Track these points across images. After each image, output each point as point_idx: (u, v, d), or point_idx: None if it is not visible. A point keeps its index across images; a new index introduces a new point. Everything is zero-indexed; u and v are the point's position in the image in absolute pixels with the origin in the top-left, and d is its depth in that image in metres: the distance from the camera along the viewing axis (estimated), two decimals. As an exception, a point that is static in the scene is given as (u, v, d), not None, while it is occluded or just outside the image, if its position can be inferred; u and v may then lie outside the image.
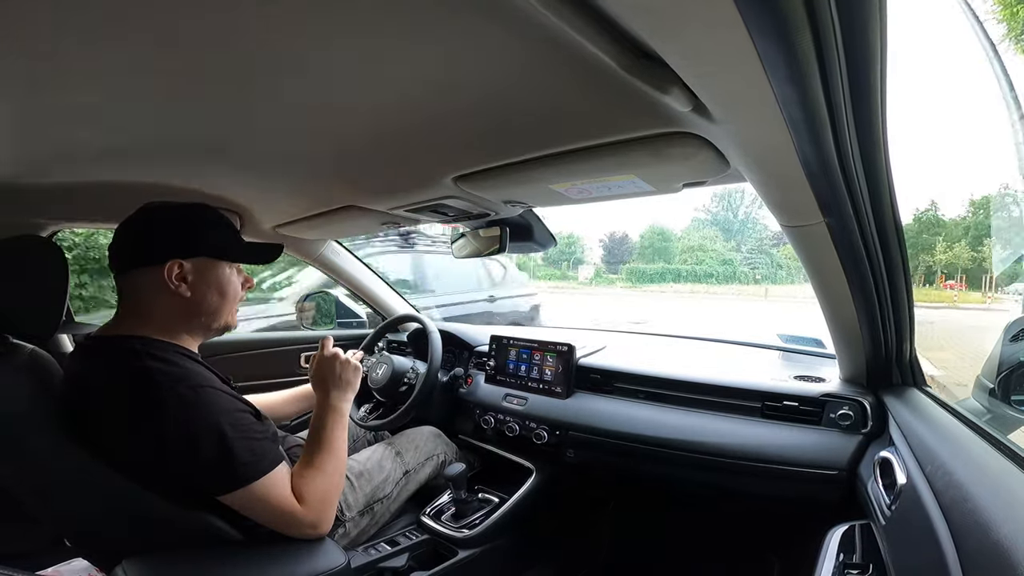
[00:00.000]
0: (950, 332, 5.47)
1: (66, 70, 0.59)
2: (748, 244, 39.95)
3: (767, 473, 1.04)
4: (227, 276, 0.91)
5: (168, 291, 0.84)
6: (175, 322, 0.87)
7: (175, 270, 0.84)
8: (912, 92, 49.07)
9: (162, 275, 0.83)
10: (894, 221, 0.73)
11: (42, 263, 0.87)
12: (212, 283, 0.89)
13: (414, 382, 1.44)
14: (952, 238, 24.57)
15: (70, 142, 0.85)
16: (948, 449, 0.69)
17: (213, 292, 0.89)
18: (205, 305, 0.89)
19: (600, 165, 0.79)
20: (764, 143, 0.60)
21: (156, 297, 0.85)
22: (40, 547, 1.10)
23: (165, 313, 0.86)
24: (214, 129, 0.81)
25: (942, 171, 29.84)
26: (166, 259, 0.84)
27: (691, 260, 37.58)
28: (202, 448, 0.76)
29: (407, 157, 0.90)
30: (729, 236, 40.99)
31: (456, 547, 1.18)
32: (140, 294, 0.86)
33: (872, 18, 0.41)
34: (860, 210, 0.69)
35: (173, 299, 0.85)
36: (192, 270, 0.86)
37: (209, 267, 0.88)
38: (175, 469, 0.77)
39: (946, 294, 18.38)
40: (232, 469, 0.78)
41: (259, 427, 0.84)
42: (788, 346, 1.53)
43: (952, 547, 0.52)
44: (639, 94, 0.55)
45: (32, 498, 0.78)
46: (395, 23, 0.50)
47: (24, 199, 1.12)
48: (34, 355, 0.85)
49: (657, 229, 40.31)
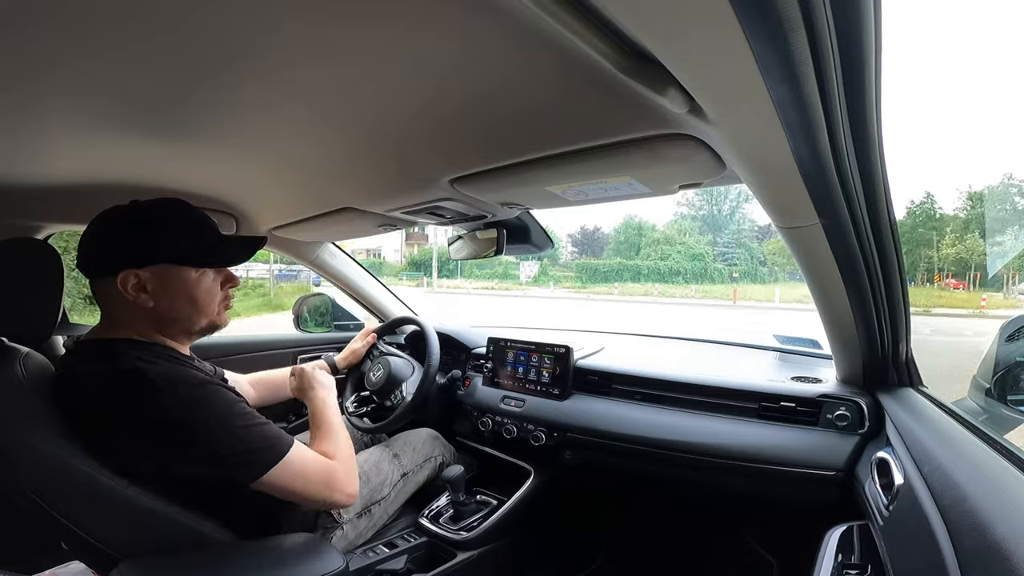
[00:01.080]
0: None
1: (60, 70, 0.59)
2: (725, 237, 35.03)
3: (765, 474, 1.05)
4: (194, 281, 0.85)
5: (128, 301, 0.81)
6: (152, 329, 0.85)
7: (131, 280, 0.80)
8: (900, 82, 49.40)
9: (116, 286, 0.80)
10: (889, 222, 0.73)
11: (37, 265, 0.87)
12: (178, 290, 0.84)
13: (403, 397, 1.42)
14: (955, 231, 21.64)
15: (63, 143, 0.85)
16: (945, 449, 0.69)
17: (180, 299, 0.84)
18: (175, 313, 0.85)
19: (597, 167, 0.79)
20: (760, 144, 0.60)
21: (122, 307, 0.82)
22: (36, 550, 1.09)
23: (137, 321, 0.83)
24: (209, 130, 0.80)
25: (931, 165, 30.16)
26: (118, 270, 0.80)
27: (655, 255, 32.21)
28: (222, 444, 0.76)
29: (404, 159, 0.90)
30: (715, 231, 35.97)
31: (454, 549, 1.18)
32: (107, 303, 0.84)
33: (867, 18, 0.41)
34: (855, 211, 0.69)
35: (137, 309, 0.82)
36: (151, 279, 0.81)
37: (170, 274, 0.83)
38: (200, 470, 0.77)
39: (958, 296, 15.87)
40: (254, 455, 0.78)
41: (260, 416, 0.84)
42: (785, 347, 1.53)
43: (950, 547, 0.53)
44: (635, 96, 0.55)
45: (28, 501, 0.78)
46: (391, 25, 0.50)
47: (18, 201, 1.12)
48: (29, 358, 0.84)
49: (634, 223, 35.63)
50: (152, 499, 0.78)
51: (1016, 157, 38.26)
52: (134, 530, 0.78)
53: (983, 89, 50.19)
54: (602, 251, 35.78)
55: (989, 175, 32.17)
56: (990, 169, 51.89)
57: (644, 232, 35.10)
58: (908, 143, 52.20)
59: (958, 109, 46.06)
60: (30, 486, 0.75)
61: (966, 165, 36.53)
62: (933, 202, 25.65)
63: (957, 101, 48.67)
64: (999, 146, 41.46)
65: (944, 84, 47.52)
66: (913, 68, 60.57)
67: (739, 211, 36.35)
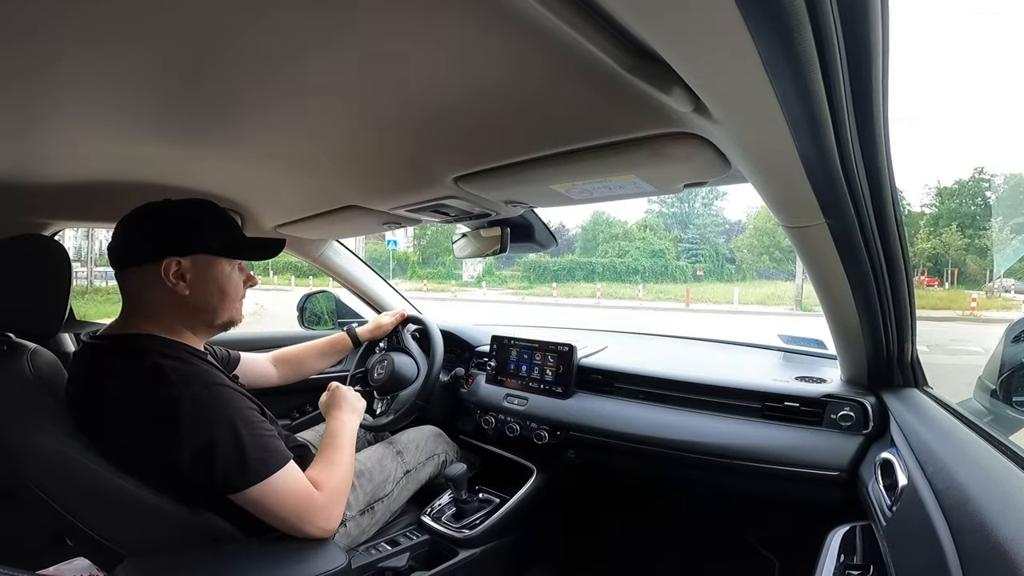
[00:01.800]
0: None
1: (66, 69, 0.59)
2: (690, 232, 31.71)
3: (768, 474, 1.04)
4: (227, 273, 0.90)
5: (167, 289, 0.84)
6: (177, 320, 0.87)
7: (173, 268, 0.84)
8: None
9: (160, 273, 0.83)
10: (895, 221, 0.73)
11: (45, 262, 0.87)
12: (211, 281, 0.88)
13: (407, 395, 1.42)
14: (928, 225, 20.21)
15: (71, 142, 0.86)
16: (949, 450, 0.69)
17: (213, 290, 0.89)
18: (205, 303, 0.88)
19: (601, 165, 0.79)
20: (765, 143, 0.60)
21: (156, 295, 0.85)
22: (41, 546, 1.10)
23: (167, 311, 0.86)
24: (214, 129, 0.81)
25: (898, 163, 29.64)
26: (163, 257, 0.83)
27: (612, 252, 29.07)
28: (218, 447, 0.76)
29: (408, 157, 0.90)
30: (681, 227, 32.71)
31: (457, 547, 1.18)
32: (140, 292, 0.86)
33: (873, 16, 0.41)
34: (861, 210, 0.69)
35: (172, 297, 0.85)
36: (190, 268, 0.86)
37: (208, 264, 0.88)
38: (189, 468, 0.77)
39: (936, 294, 14.49)
40: (244, 466, 0.78)
41: (268, 425, 0.85)
42: (789, 347, 1.53)
43: (953, 548, 0.52)
44: (640, 94, 0.55)
45: (34, 496, 0.78)
46: (396, 23, 0.50)
47: (27, 198, 1.12)
48: (37, 354, 0.85)
49: (602, 220, 32.48)
50: (158, 497, 0.78)
51: (985, 152, 37.58)
52: (139, 528, 0.79)
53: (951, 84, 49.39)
54: (572, 250, 32.08)
55: (958, 171, 31.61)
56: (958, 165, 51.02)
57: (603, 228, 32.07)
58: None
59: (927, 105, 45.23)
60: (36, 482, 0.76)
61: (932, 161, 35.77)
62: (902, 198, 24.45)
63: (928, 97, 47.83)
64: (967, 141, 40.86)
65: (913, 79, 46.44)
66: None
67: (712, 206, 33.72)
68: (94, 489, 0.76)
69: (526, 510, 1.29)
